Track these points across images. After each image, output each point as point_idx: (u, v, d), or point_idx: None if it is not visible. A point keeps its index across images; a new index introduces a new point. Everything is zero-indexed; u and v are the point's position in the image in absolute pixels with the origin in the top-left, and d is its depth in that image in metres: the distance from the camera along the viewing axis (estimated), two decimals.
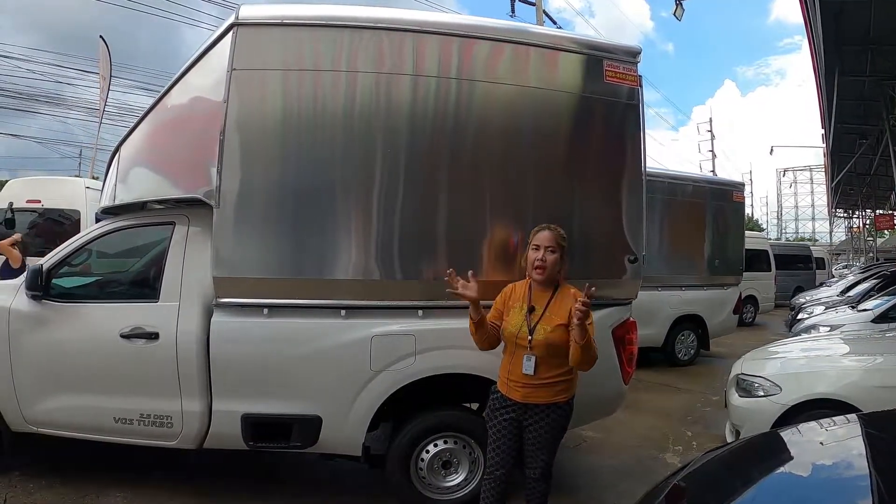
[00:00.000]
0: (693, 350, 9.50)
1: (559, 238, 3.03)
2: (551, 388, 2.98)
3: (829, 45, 10.93)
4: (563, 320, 2.93)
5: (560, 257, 3.02)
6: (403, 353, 3.57)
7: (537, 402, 2.98)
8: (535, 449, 3.03)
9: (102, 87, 14.62)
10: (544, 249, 3.00)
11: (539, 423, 3.00)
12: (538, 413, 2.99)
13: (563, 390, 3.02)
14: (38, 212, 8.46)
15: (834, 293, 13.64)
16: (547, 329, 2.94)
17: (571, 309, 2.86)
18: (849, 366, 4.67)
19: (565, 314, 2.93)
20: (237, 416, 3.56)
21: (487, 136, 3.67)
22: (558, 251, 3.02)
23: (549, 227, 3.06)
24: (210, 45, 3.66)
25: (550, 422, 3.00)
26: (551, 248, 3.01)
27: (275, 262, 3.55)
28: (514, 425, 3.04)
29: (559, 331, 2.93)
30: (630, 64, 3.87)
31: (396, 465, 3.68)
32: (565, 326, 2.92)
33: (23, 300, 3.82)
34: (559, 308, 2.98)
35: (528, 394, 2.98)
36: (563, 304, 2.98)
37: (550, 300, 3.02)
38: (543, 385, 2.97)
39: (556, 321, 2.95)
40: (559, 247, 3.02)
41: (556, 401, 3.00)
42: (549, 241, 3.02)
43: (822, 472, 2.26)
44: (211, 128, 3.50)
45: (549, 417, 2.99)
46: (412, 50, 3.59)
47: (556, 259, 3.01)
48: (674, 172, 9.63)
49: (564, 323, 2.92)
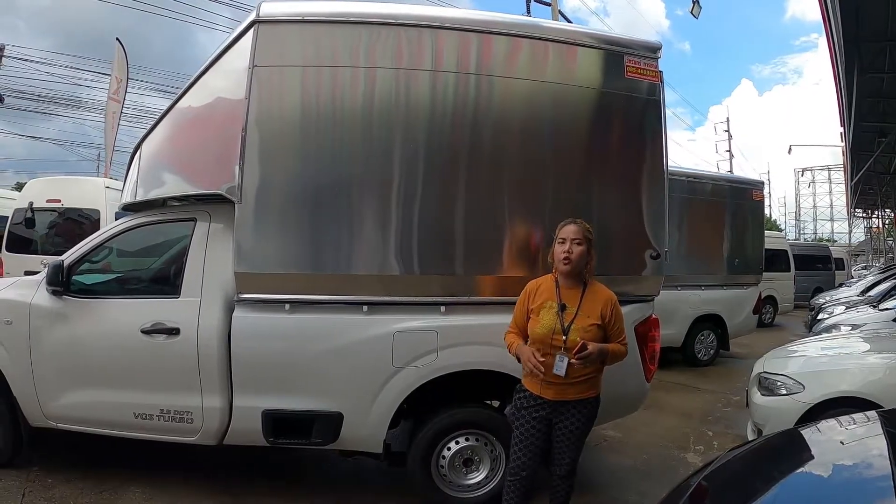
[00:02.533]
0: (713, 350, 9.40)
1: (585, 231, 3.01)
2: (582, 385, 2.97)
3: (848, 42, 10.81)
4: (597, 319, 2.94)
5: (587, 250, 3.00)
6: (426, 349, 3.55)
7: (568, 399, 2.97)
8: (564, 446, 3.04)
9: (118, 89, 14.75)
10: (570, 242, 2.98)
11: (570, 420, 3.00)
12: (569, 410, 3.00)
13: (592, 386, 3.03)
14: (58, 211, 8.55)
15: (854, 293, 13.46)
16: (582, 329, 2.91)
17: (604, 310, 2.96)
18: (872, 363, 4.59)
19: (598, 313, 2.95)
20: (258, 412, 3.56)
21: (507, 131, 3.66)
22: (585, 244, 2.99)
23: (576, 221, 3.04)
24: (231, 43, 3.68)
25: (581, 417, 3.01)
26: (577, 240, 2.98)
27: (296, 257, 3.55)
28: (544, 424, 3.02)
29: (593, 330, 2.93)
30: (651, 59, 3.85)
31: (417, 463, 3.67)
32: (599, 326, 2.94)
33: (43, 296, 3.85)
34: (592, 307, 2.98)
35: (560, 391, 2.96)
36: (595, 302, 2.99)
37: (582, 298, 3.00)
38: (574, 383, 2.95)
39: (590, 320, 2.94)
40: (585, 240, 3.00)
41: (587, 396, 3.01)
42: (575, 234, 2.99)
43: (843, 472, 2.23)
44: (232, 124, 3.52)
45: (580, 413, 3.01)
46: (431, 46, 3.59)
47: (582, 251, 2.98)
48: (693, 171, 9.56)
49: (598, 322, 2.94)
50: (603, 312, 2.97)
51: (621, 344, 3.03)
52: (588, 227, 3.04)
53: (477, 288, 3.66)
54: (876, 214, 36.03)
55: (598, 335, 2.92)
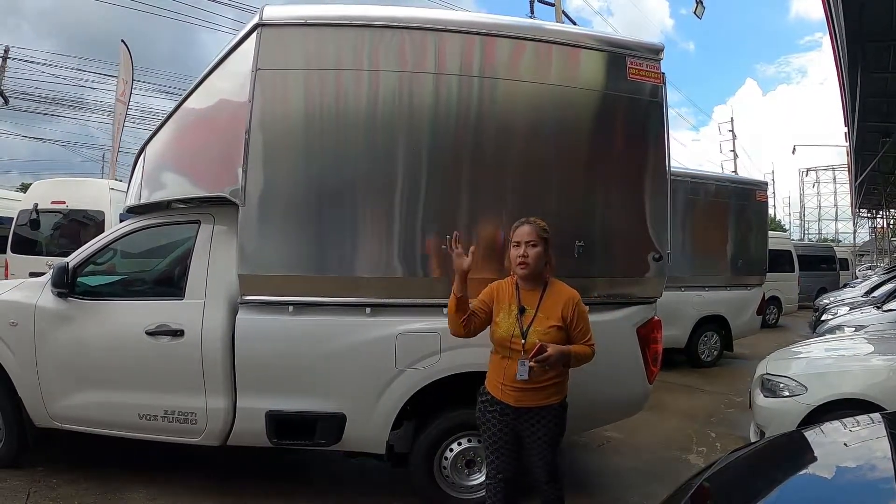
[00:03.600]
0: (716, 351, 9.41)
1: (540, 231, 2.89)
2: (544, 391, 2.85)
3: (852, 41, 10.75)
4: (556, 321, 2.82)
5: (543, 251, 2.87)
6: (428, 350, 3.56)
7: (530, 406, 2.86)
8: (535, 455, 2.91)
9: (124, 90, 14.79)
10: (525, 245, 2.87)
11: (535, 428, 2.87)
12: (532, 417, 2.87)
13: (556, 392, 2.89)
14: (63, 213, 8.60)
15: (858, 294, 13.39)
16: (540, 332, 2.80)
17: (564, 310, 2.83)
18: (876, 365, 4.59)
19: (558, 314, 2.83)
20: (261, 413, 3.58)
21: (510, 133, 3.67)
22: (540, 244, 2.87)
23: (529, 220, 2.93)
24: (234, 46, 3.70)
25: (546, 423, 2.87)
26: (532, 242, 2.86)
27: (299, 259, 3.57)
28: (510, 428, 2.91)
29: (553, 332, 2.80)
30: (653, 61, 3.85)
31: (420, 464, 3.68)
32: (559, 328, 2.82)
33: (48, 297, 3.88)
34: (551, 308, 2.85)
35: (520, 398, 2.85)
36: (555, 303, 2.86)
37: (541, 299, 2.88)
38: (537, 388, 2.84)
39: (549, 322, 2.82)
40: (541, 240, 2.88)
41: (549, 403, 2.87)
42: (529, 236, 2.87)
43: (846, 474, 2.23)
44: (236, 127, 3.54)
45: (545, 420, 2.87)
46: (434, 48, 3.60)
47: (538, 253, 2.86)
48: (696, 171, 9.56)
49: (558, 324, 2.82)
50: (563, 313, 2.83)
51: (587, 345, 2.87)
52: (543, 226, 2.92)
53: (480, 290, 3.65)
54: (881, 214, 35.85)
55: (558, 337, 2.80)
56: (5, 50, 21.19)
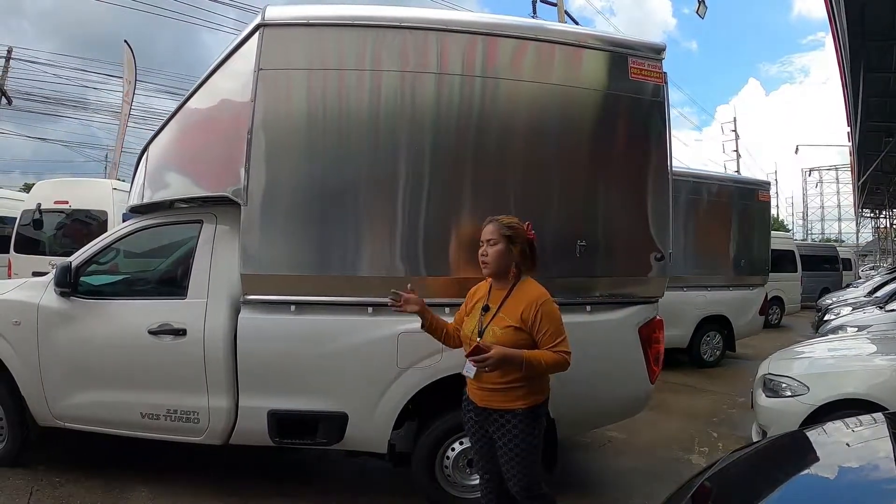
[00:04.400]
0: (719, 351, 9.39)
1: (502, 229, 2.77)
2: (505, 394, 2.70)
3: (854, 40, 10.75)
4: (514, 322, 2.67)
5: (505, 248, 2.75)
6: (430, 350, 3.55)
7: (494, 408, 2.74)
8: (504, 462, 2.76)
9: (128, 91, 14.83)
10: (486, 243, 2.79)
11: (500, 432, 2.74)
12: (497, 421, 2.74)
13: (521, 396, 2.69)
14: (66, 213, 8.62)
15: (861, 294, 13.36)
16: (496, 331, 2.68)
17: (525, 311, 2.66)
18: (878, 365, 4.57)
19: (517, 315, 2.67)
20: (263, 412, 3.58)
21: (512, 133, 3.68)
22: (502, 242, 2.75)
23: (494, 218, 2.82)
24: (237, 46, 3.71)
25: (511, 429, 2.70)
26: (492, 240, 2.77)
27: (302, 259, 3.58)
28: (483, 430, 2.84)
29: (509, 333, 2.66)
30: (655, 60, 3.85)
31: (421, 464, 3.68)
32: (517, 329, 2.66)
33: (51, 297, 3.89)
34: (512, 307, 2.71)
35: (483, 397, 2.77)
36: (517, 302, 2.72)
37: (505, 299, 2.77)
38: (496, 390, 2.71)
39: (506, 321, 2.69)
40: (503, 237, 2.75)
41: (512, 407, 2.70)
42: (489, 234, 2.78)
43: (848, 474, 2.23)
44: (238, 127, 3.54)
45: (509, 425, 2.71)
46: (436, 48, 3.60)
47: (499, 251, 2.75)
48: (699, 171, 9.54)
49: (515, 325, 2.66)
50: (524, 315, 2.66)
51: (556, 351, 2.63)
52: (507, 223, 2.79)
53: None
54: (884, 214, 35.83)
55: (514, 338, 2.64)
56: (8, 50, 21.26)
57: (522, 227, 2.83)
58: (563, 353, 2.64)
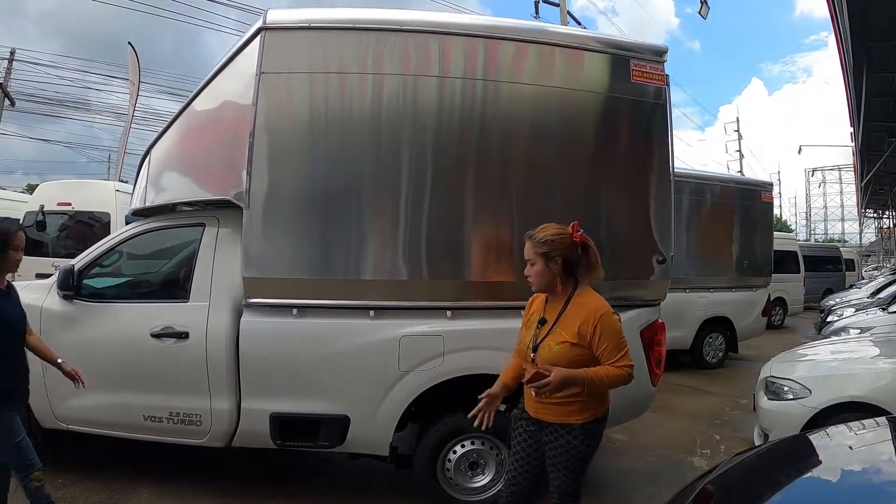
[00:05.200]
0: (721, 353, 9.38)
1: (535, 247, 2.63)
2: (560, 408, 2.61)
3: (857, 40, 10.70)
4: (570, 337, 2.55)
5: (545, 265, 2.61)
6: (432, 353, 3.57)
7: (549, 421, 2.65)
8: (551, 468, 2.68)
9: (132, 92, 14.82)
10: (527, 263, 2.69)
11: (553, 444, 2.64)
12: (552, 433, 2.65)
13: (577, 411, 2.60)
14: (69, 214, 8.62)
15: (864, 295, 13.35)
16: (553, 346, 2.58)
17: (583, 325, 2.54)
18: (881, 368, 4.55)
19: (574, 329, 2.55)
20: (265, 414, 3.59)
21: (514, 136, 3.68)
22: (539, 261, 2.62)
23: (528, 235, 2.69)
24: (238, 50, 3.72)
25: (564, 443, 2.61)
26: (530, 260, 2.66)
27: (304, 262, 3.59)
28: (533, 438, 2.74)
29: (565, 348, 2.55)
30: (656, 63, 3.85)
31: (423, 466, 3.69)
32: (573, 344, 2.55)
33: (54, 299, 3.90)
34: (569, 321, 2.59)
35: (538, 409, 2.68)
36: (574, 316, 2.59)
37: (562, 312, 2.64)
38: (552, 403, 2.61)
39: (563, 337, 2.57)
40: (539, 256, 2.62)
41: (568, 421, 2.61)
42: (526, 254, 2.68)
43: (851, 478, 2.22)
44: (240, 130, 3.56)
45: (562, 439, 2.62)
46: (438, 51, 3.61)
47: (537, 271, 2.63)
48: (701, 173, 9.54)
49: (573, 341, 2.55)
50: (581, 329, 2.54)
51: (617, 366, 2.52)
52: (540, 239, 2.63)
53: (484, 293, 3.68)
54: (887, 215, 35.70)
55: (570, 354, 2.54)
56: (11, 52, 21.30)
57: (561, 235, 2.64)
58: (625, 367, 2.53)
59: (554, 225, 2.67)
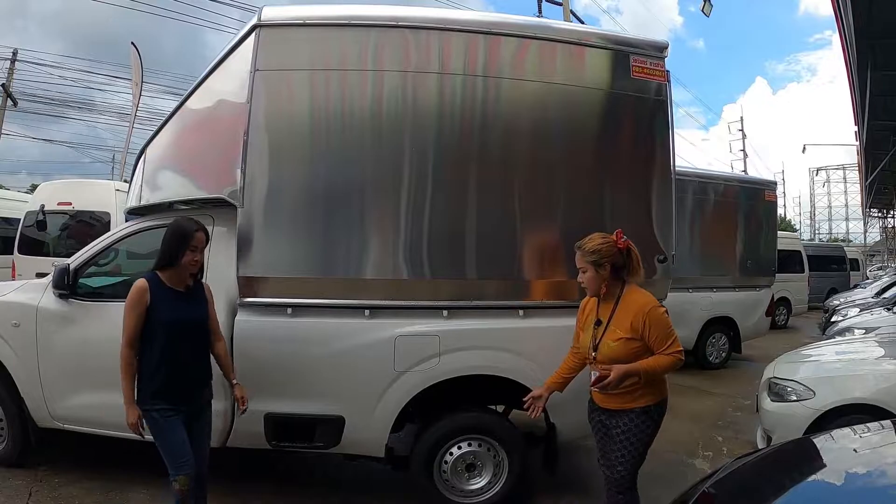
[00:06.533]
0: (724, 353, 9.33)
1: (585, 256, 2.88)
2: (623, 396, 2.86)
3: (861, 38, 10.64)
4: (626, 333, 2.81)
5: (595, 272, 2.86)
6: (428, 353, 3.54)
7: (613, 408, 2.91)
8: (613, 449, 2.93)
9: (135, 92, 14.83)
10: (580, 272, 2.92)
11: (617, 428, 2.90)
12: (618, 418, 2.90)
13: (638, 397, 2.86)
14: (70, 214, 8.62)
15: (869, 295, 13.28)
16: (611, 344, 2.84)
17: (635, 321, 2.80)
18: (886, 369, 4.48)
19: (627, 325, 2.81)
20: (260, 415, 3.55)
21: (515, 133, 3.66)
22: (590, 269, 2.87)
23: (578, 246, 2.92)
24: (233, 47, 3.70)
25: (624, 426, 2.88)
26: (582, 269, 2.90)
27: (298, 261, 3.57)
28: (604, 425, 2.99)
29: (622, 344, 2.82)
30: (657, 59, 3.82)
31: (420, 467, 3.66)
32: (629, 339, 2.81)
33: (50, 299, 3.89)
34: (622, 318, 2.85)
35: (603, 399, 2.94)
36: (625, 313, 2.84)
37: (613, 311, 2.89)
38: (615, 394, 2.86)
39: (618, 334, 2.83)
40: (589, 265, 2.87)
41: (629, 407, 2.87)
42: (578, 263, 2.92)
43: (856, 481, 2.19)
44: (234, 128, 3.53)
45: (623, 421, 2.88)
46: (438, 48, 3.58)
47: (590, 278, 2.88)
48: (704, 171, 9.51)
49: (628, 336, 2.81)
50: (634, 324, 2.80)
51: (667, 354, 2.80)
52: (589, 249, 2.87)
53: (485, 291, 3.66)
54: (891, 214, 35.55)
55: (627, 348, 2.80)
56: (13, 52, 21.37)
57: (607, 243, 2.88)
58: (675, 353, 2.82)
59: (599, 234, 2.93)
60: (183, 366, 3.00)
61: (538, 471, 4.02)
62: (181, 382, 3.02)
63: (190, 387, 3.07)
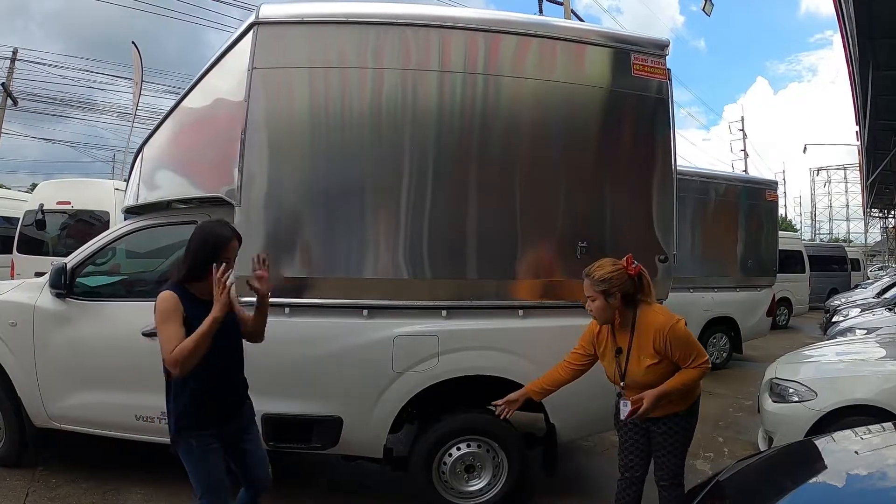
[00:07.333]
0: (725, 353, 9.29)
1: (595, 285, 2.82)
2: (664, 407, 2.83)
3: (863, 38, 10.62)
4: (652, 359, 2.79)
5: (604, 303, 2.82)
6: (426, 354, 3.52)
7: (657, 416, 2.86)
8: (660, 455, 2.92)
9: (136, 92, 14.81)
10: (587, 300, 2.88)
11: (662, 432, 2.89)
12: (662, 424, 2.88)
13: (677, 403, 2.86)
14: (69, 213, 8.62)
15: (870, 295, 13.29)
16: (638, 372, 2.82)
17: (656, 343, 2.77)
18: (888, 370, 4.46)
19: (650, 349, 2.79)
20: (258, 415, 3.52)
21: (515, 131, 3.64)
22: (599, 298, 2.82)
23: (587, 274, 2.88)
24: (231, 45, 3.67)
25: (670, 429, 2.88)
26: (590, 297, 2.85)
27: (296, 260, 3.53)
28: (637, 431, 2.97)
29: (651, 371, 2.79)
30: (658, 57, 3.79)
31: (419, 468, 3.63)
32: (657, 364, 2.79)
33: (47, 298, 3.87)
34: (643, 343, 2.81)
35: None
36: (645, 337, 2.81)
37: (632, 338, 2.85)
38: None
39: (645, 361, 2.80)
40: (599, 294, 2.81)
41: (674, 411, 2.87)
42: (586, 292, 2.87)
43: (857, 484, 2.19)
44: (232, 127, 3.51)
45: (669, 426, 2.88)
46: (438, 46, 3.56)
47: (599, 307, 2.83)
48: (705, 171, 9.48)
49: (653, 361, 2.79)
50: (656, 347, 2.78)
51: (692, 368, 2.79)
52: (599, 278, 2.81)
53: (485, 291, 3.63)
54: (892, 214, 35.52)
55: (656, 373, 2.78)
56: (14, 52, 21.36)
57: (617, 271, 2.83)
58: (702, 365, 2.81)
59: (609, 261, 2.88)
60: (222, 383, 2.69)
61: (538, 471, 3.99)
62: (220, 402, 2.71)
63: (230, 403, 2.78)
